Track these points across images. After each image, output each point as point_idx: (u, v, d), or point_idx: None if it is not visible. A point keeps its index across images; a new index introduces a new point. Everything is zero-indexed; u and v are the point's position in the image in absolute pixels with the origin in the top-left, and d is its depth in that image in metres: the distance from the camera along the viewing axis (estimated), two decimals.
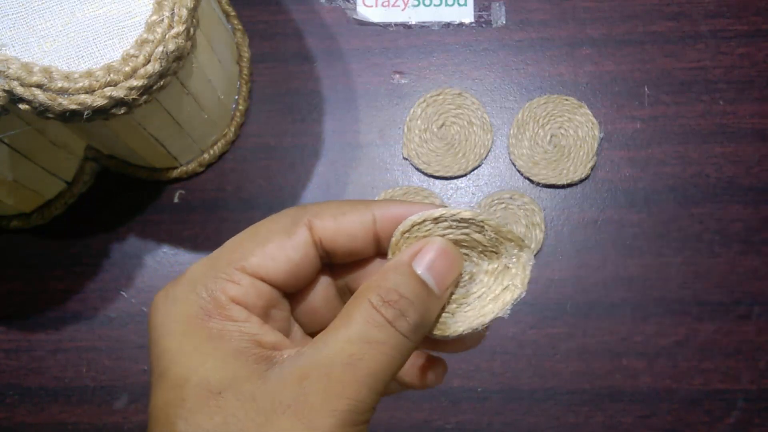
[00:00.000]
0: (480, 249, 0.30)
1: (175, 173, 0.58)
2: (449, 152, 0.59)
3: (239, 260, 0.28)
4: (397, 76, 0.61)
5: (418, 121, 0.60)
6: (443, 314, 0.30)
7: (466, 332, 0.30)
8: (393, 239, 0.30)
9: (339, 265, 0.31)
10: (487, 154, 0.59)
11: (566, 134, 0.59)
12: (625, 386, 0.55)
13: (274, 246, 0.29)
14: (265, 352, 0.27)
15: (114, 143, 0.55)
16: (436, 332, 0.30)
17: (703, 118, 0.59)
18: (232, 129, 0.59)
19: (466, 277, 0.31)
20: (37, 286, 0.58)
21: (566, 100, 0.60)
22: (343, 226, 0.29)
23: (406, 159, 0.59)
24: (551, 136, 0.59)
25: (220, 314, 0.28)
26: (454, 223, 0.29)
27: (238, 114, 0.59)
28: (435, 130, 0.60)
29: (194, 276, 0.29)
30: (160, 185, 0.59)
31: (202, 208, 0.59)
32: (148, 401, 0.28)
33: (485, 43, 0.61)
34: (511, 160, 0.59)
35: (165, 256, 0.59)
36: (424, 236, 0.30)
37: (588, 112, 0.59)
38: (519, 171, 0.59)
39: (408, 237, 0.30)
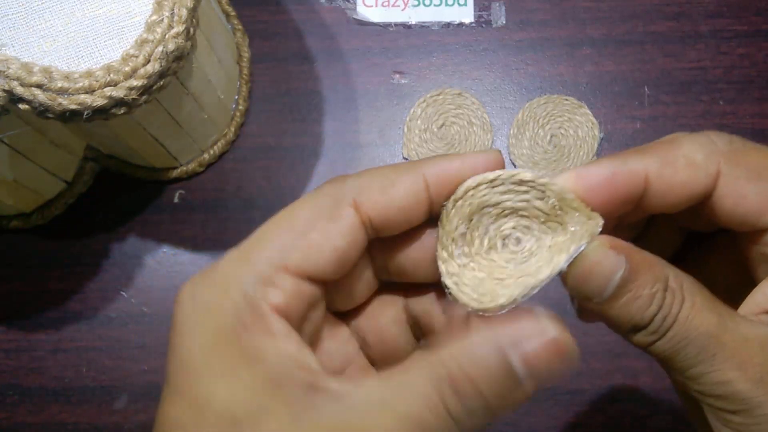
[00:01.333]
0: (542, 219, 0.26)
1: (175, 173, 0.58)
2: (449, 152, 0.59)
3: (280, 257, 0.24)
4: (397, 76, 0.61)
5: (418, 121, 0.60)
6: (492, 283, 0.26)
7: (522, 296, 0.25)
8: (444, 210, 0.26)
9: (379, 239, 0.26)
10: None
11: (566, 134, 0.59)
12: (625, 386, 0.55)
13: (318, 235, 0.24)
14: (306, 377, 0.23)
15: (114, 143, 0.55)
16: (479, 305, 0.25)
17: (703, 118, 0.59)
18: (232, 129, 0.59)
19: (526, 254, 0.27)
20: (37, 286, 0.58)
21: (566, 100, 0.60)
22: (394, 200, 0.25)
23: (406, 159, 0.59)
24: (551, 136, 0.59)
25: (258, 328, 0.23)
26: (513, 186, 0.26)
27: (238, 114, 0.59)
28: (435, 130, 0.60)
29: (227, 275, 0.24)
30: (160, 185, 0.59)
31: (202, 208, 0.59)
32: (158, 408, 0.24)
33: (485, 43, 0.61)
34: (511, 160, 0.59)
35: (165, 256, 0.58)
36: (479, 203, 0.26)
37: (588, 112, 0.59)
38: None
39: (461, 206, 0.26)
